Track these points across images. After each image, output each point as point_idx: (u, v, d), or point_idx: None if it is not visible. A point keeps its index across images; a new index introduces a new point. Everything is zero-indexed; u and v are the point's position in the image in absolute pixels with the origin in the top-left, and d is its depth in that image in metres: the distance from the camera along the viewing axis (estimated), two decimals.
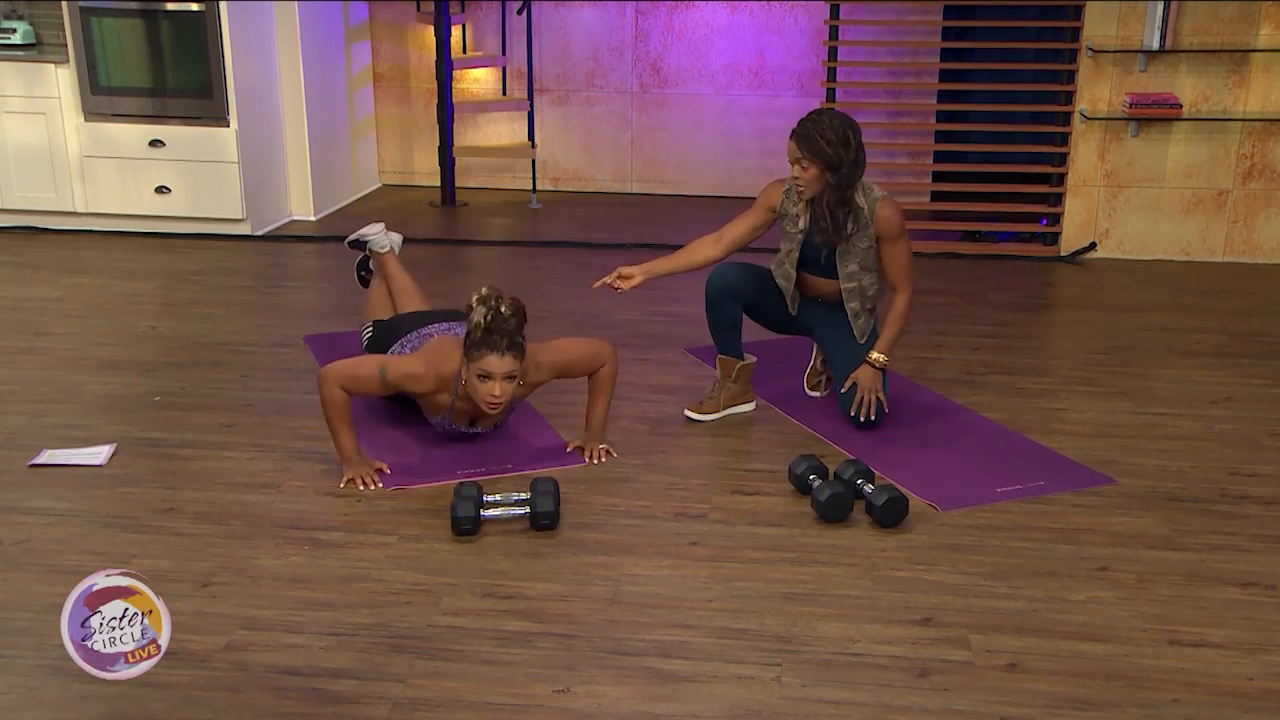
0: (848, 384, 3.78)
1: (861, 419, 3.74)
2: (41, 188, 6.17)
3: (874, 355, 3.76)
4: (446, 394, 3.48)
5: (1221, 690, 2.50)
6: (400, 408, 3.85)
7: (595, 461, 3.55)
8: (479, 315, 3.26)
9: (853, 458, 3.43)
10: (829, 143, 3.60)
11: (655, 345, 4.63)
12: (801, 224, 3.78)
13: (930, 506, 3.30)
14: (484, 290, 3.31)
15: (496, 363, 3.28)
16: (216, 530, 3.15)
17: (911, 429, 3.84)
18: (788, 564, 3.00)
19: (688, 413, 3.91)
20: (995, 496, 3.36)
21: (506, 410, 3.63)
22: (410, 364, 3.46)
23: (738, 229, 3.87)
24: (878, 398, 3.74)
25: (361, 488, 3.38)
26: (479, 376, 3.31)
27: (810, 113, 3.71)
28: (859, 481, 3.28)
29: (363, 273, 4.53)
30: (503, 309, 3.27)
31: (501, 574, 2.94)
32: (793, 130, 3.68)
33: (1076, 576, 2.95)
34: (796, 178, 3.68)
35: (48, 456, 3.56)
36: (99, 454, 3.57)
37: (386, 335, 3.84)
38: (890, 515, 3.17)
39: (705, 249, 3.88)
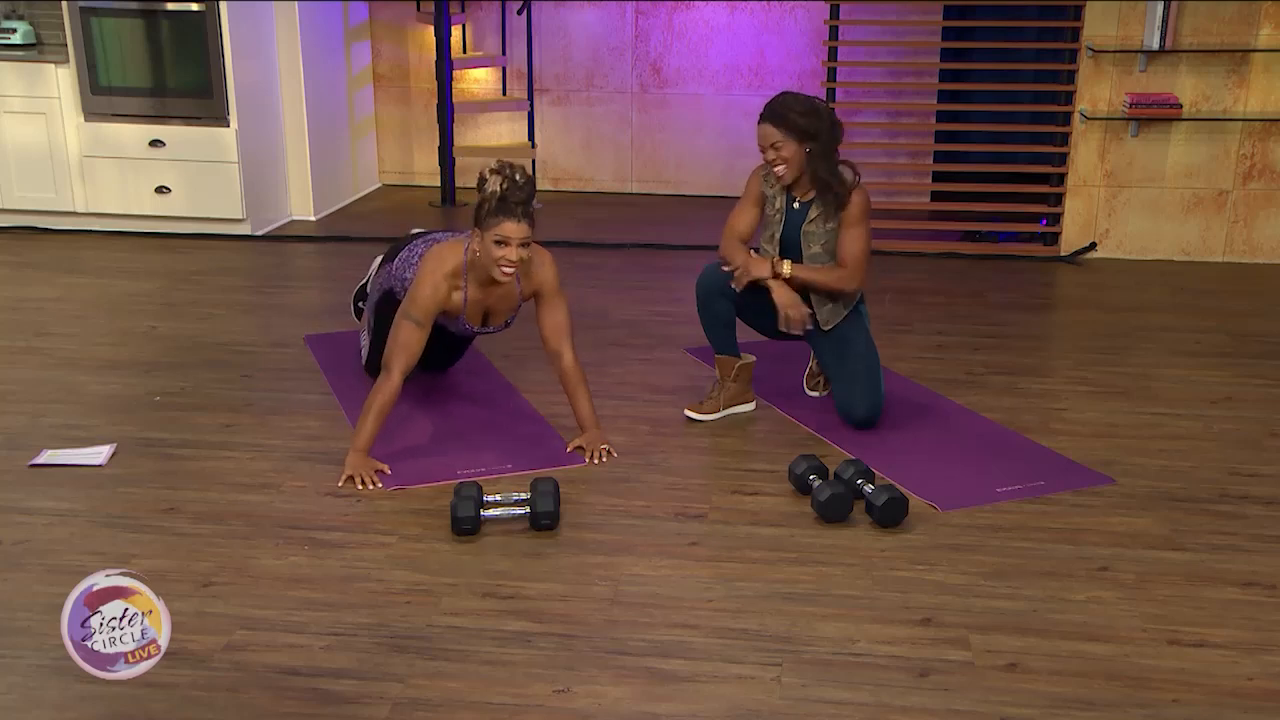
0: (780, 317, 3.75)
1: (792, 331, 3.74)
2: (42, 188, 6.17)
3: (788, 268, 3.70)
4: (459, 290, 3.55)
5: (1222, 690, 2.50)
6: (405, 407, 3.85)
7: (596, 461, 3.56)
8: (495, 184, 3.38)
9: (853, 458, 3.43)
10: (799, 114, 3.61)
11: (655, 345, 4.63)
12: (779, 204, 3.81)
13: (930, 506, 3.30)
14: (495, 163, 3.43)
15: (514, 229, 3.38)
16: (217, 530, 3.15)
17: (911, 429, 3.84)
18: (788, 564, 3.00)
19: (688, 413, 3.91)
20: (995, 496, 3.37)
21: (513, 310, 3.68)
22: (419, 286, 3.51)
23: (743, 220, 3.86)
24: (801, 313, 3.68)
25: (359, 487, 3.38)
26: (495, 243, 3.39)
27: (772, 98, 3.70)
28: (859, 481, 3.28)
29: (359, 303, 4.49)
30: (517, 178, 3.40)
31: (502, 574, 2.95)
32: (761, 115, 3.66)
33: (1077, 576, 2.95)
34: (773, 161, 3.66)
35: (48, 456, 3.56)
36: (99, 454, 3.57)
37: (393, 256, 3.95)
38: (890, 515, 3.17)
39: (733, 238, 3.87)
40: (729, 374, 3.91)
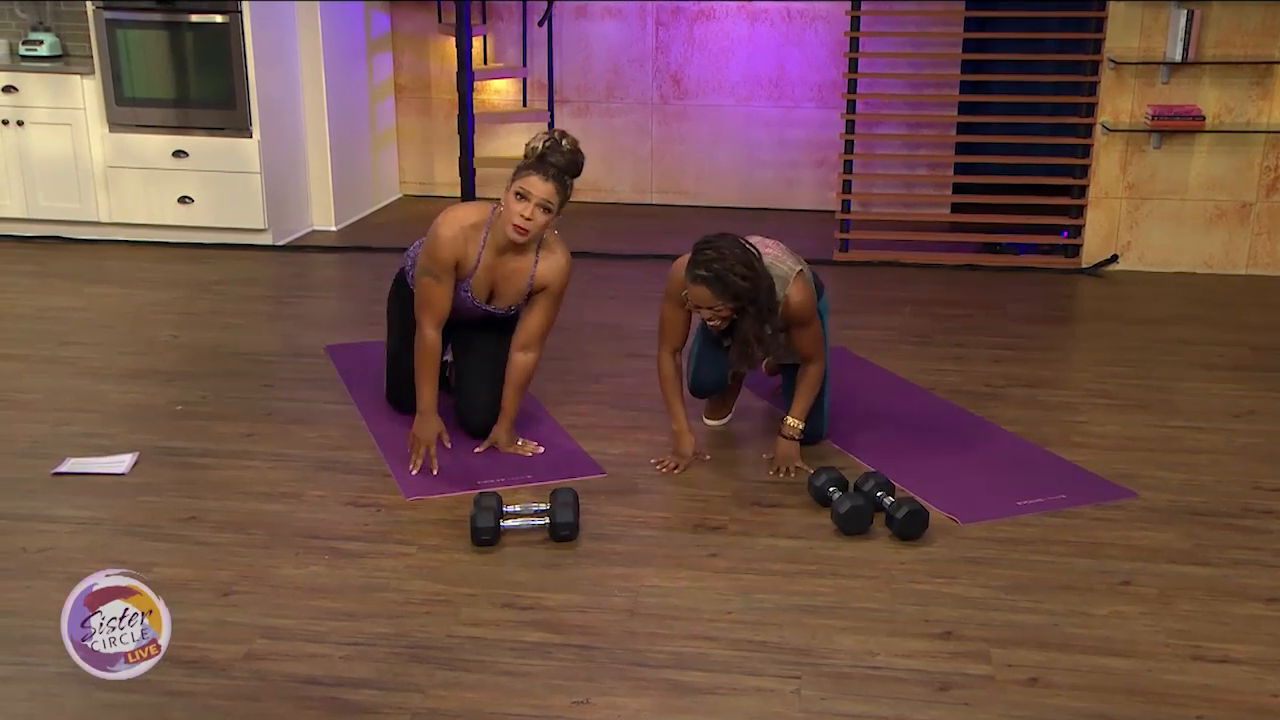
0: (766, 456, 3.62)
1: (779, 478, 3.56)
2: (67, 198, 6.22)
3: (790, 423, 3.57)
4: (475, 246, 3.53)
5: (1246, 707, 2.48)
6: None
7: (530, 454, 3.65)
8: (538, 141, 3.40)
9: (872, 470, 3.42)
10: (742, 278, 3.26)
11: None
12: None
13: (950, 519, 3.29)
14: (550, 129, 3.37)
15: (539, 184, 3.37)
16: (237, 539, 3.16)
17: (932, 441, 3.83)
18: (807, 576, 2.99)
19: (707, 421, 3.94)
20: (1016, 510, 3.35)
21: (520, 295, 3.64)
22: (435, 236, 3.51)
23: (678, 332, 3.60)
24: (797, 466, 3.54)
25: (412, 466, 3.49)
26: (517, 195, 3.38)
27: (702, 247, 3.30)
28: (879, 494, 3.27)
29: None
30: (564, 143, 3.39)
31: (521, 585, 2.95)
32: (693, 274, 3.27)
33: (1098, 590, 2.93)
34: (709, 318, 3.37)
35: (71, 465, 3.58)
36: (121, 463, 3.59)
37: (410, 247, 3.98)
38: (910, 528, 3.16)
39: (672, 368, 3.62)
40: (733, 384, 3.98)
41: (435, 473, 3.51)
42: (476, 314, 3.72)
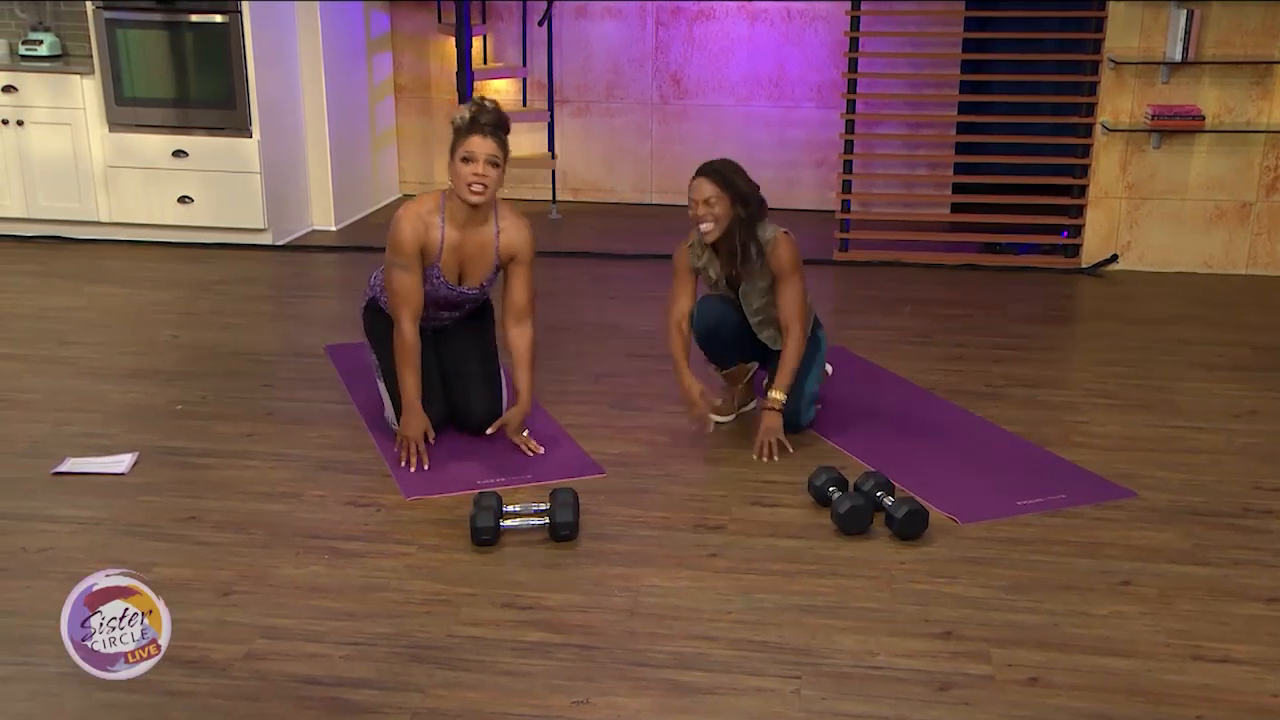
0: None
1: (764, 460, 3.66)
2: (67, 198, 6.22)
3: (772, 395, 3.69)
4: (435, 229, 3.59)
5: (1246, 707, 2.48)
6: None
7: (529, 453, 3.66)
8: (464, 111, 3.53)
9: (872, 470, 3.42)
10: (742, 179, 3.69)
11: None
12: (714, 273, 3.78)
13: (950, 519, 3.29)
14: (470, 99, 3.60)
15: (480, 142, 3.48)
16: (237, 539, 3.16)
17: (931, 441, 3.83)
18: (807, 576, 2.99)
19: (711, 416, 3.94)
20: (1016, 509, 3.35)
21: (489, 270, 3.68)
22: (396, 231, 3.58)
23: (684, 301, 3.81)
24: (779, 440, 3.66)
25: (402, 463, 3.50)
26: (463, 160, 3.49)
27: (709, 161, 3.76)
28: (879, 494, 3.27)
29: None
30: (486, 103, 3.54)
31: (521, 584, 2.95)
32: (698, 171, 3.70)
33: (1098, 590, 2.93)
34: (703, 216, 3.64)
35: (71, 464, 3.58)
36: (121, 462, 3.60)
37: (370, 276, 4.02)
38: (910, 528, 3.16)
39: (680, 338, 3.80)
40: (738, 382, 3.99)
41: (426, 467, 3.52)
42: (453, 300, 3.74)
